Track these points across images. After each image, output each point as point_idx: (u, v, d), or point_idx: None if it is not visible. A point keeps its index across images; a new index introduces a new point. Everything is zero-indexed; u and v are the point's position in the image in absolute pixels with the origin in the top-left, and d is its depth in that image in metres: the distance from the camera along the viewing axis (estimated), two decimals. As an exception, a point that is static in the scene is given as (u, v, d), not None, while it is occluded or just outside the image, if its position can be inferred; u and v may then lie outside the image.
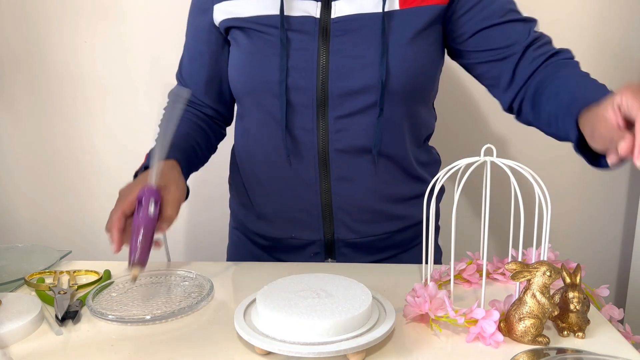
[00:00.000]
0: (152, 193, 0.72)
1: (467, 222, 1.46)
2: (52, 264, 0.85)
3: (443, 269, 0.79)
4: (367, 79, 0.81)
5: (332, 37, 0.82)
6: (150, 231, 0.71)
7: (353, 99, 0.82)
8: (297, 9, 0.82)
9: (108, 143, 1.45)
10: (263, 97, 0.85)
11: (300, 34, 0.82)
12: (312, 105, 0.83)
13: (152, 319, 0.67)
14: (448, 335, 0.64)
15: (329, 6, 0.82)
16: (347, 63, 0.81)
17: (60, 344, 0.62)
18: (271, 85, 0.83)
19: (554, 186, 1.42)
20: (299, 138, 0.85)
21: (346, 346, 0.56)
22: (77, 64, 1.40)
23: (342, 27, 0.82)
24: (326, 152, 0.85)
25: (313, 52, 0.82)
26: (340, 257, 0.92)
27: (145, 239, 0.70)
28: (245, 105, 0.90)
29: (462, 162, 0.69)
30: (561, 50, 0.85)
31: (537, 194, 0.64)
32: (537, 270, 0.60)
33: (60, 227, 1.52)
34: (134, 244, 0.70)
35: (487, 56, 0.85)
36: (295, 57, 0.82)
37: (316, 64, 0.82)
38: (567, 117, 0.71)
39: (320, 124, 0.84)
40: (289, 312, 0.59)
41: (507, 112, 0.90)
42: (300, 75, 0.82)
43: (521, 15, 0.86)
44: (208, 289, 0.75)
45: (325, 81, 0.82)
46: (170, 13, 1.35)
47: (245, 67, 0.85)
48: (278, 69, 0.82)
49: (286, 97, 0.83)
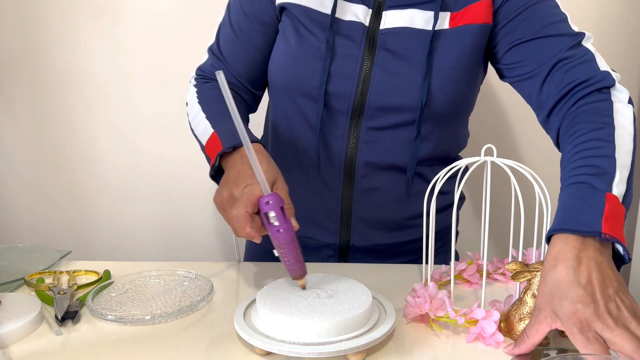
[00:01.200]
0: (278, 201, 0.63)
1: (467, 222, 1.46)
2: (52, 264, 0.85)
3: (443, 269, 0.79)
4: (407, 98, 0.80)
5: (378, 49, 0.81)
6: (296, 241, 0.64)
7: (389, 114, 0.82)
8: (348, 12, 0.81)
9: (108, 143, 1.45)
10: (300, 97, 0.84)
11: (347, 39, 0.81)
12: (348, 112, 0.83)
13: (152, 319, 0.67)
14: (448, 335, 0.64)
15: (380, 15, 0.81)
16: (390, 79, 0.80)
17: (60, 344, 0.62)
18: (311, 88, 0.82)
19: (554, 186, 1.42)
20: (329, 143, 0.85)
21: (346, 346, 0.56)
22: (77, 64, 1.40)
23: (390, 39, 0.80)
24: (353, 161, 0.85)
25: (357, 60, 0.81)
26: (354, 262, 0.91)
27: (296, 250, 0.64)
28: (280, 100, 0.88)
29: (462, 162, 0.69)
30: (595, 78, 0.73)
31: (537, 194, 0.64)
32: (538, 270, 0.60)
33: (60, 227, 1.52)
34: (290, 259, 0.63)
35: (517, 74, 0.81)
36: (339, 63, 0.81)
37: (358, 72, 0.81)
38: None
39: (352, 132, 0.84)
40: (289, 312, 0.59)
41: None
42: (340, 82, 0.81)
43: (566, 29, 0.77)
44: (208, 289, 0.75)
45: (364, 92, 0.81)
46: (170, 13, 1.35)
47: (290, 65, 0.83)
48: (320, 73, 0.81)
49: (324, 101, 0.82)
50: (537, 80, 0.78)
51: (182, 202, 1.49)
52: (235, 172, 0.68)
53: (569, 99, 0.74)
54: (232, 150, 0.71)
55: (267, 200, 0.62)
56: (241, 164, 0.68)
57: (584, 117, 0.70)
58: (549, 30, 0.77)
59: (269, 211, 0.62)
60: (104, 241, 1.52)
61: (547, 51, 0.76)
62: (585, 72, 0.74)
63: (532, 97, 0.80)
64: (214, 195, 0.69)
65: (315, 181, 0.88)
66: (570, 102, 0.73)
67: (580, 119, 0.70)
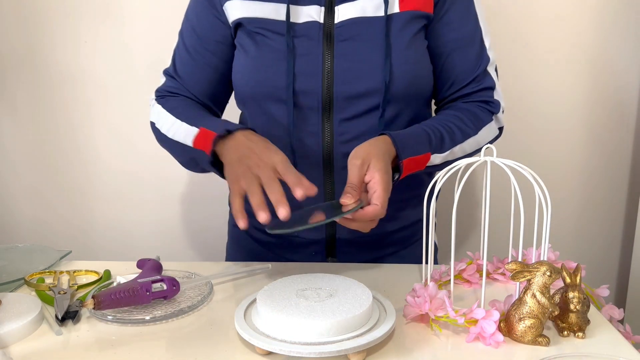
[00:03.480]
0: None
1: (467, 222, 1.46)
2: (52, 264, 0.85)
3: (443, 269, 0.79)
4: (371, 81, 0.82)
5: (335, 42, 0.83)
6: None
7: (357, 101, 0.84)
8: (302, 15, 0.83)
9: (108, 143, 1.45)
10: (269, 102, 0.86)
11: (305, 39, 0.83)
12: (318, 108, 0.84)
13: (152, 319, 0.67)
14: (448, 335, 0.64)
15: (332, 11, 0.83)
16: (352, 66, 0.83)
17: (60, 344, 0.62)
18: (278, 90, 0.84)
19: (554, 186, 1.42)
20: (304, 141, 0.86)
21: (347, 346, 0.56)
22: (78, 64, 1.40)
23: (345, 31, 0.83)
24: (331, 155, 0.86)
25: (318, 56, 0.83)
26: (341, 256, 0.92)
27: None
28: (249, 109, 0.90)
29: (462, 162, 0.69)
30: (490, 105, 0.89)
31: (537, 194, 0.64)
32: (537, 270, 0.60)
33: (60, 227, 1.52)
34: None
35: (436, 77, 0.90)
36: (301, 62, 0.83)
37: (321, 68, 0.83)
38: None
39: (326, 127, 0.85)
40: (289, 312, 0.59)
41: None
42: (306, 80, 0.83)
43: (481, 49, 0.88)
44: (208, 289, 0.75)
45: (330, 85, 0.83)
46: (170, 12, 1.35)
47: (252, 72, 0.85)
48: (285, 74, 0.83)
49: (293, 101, 0.83)
50: (449, 91, 0.90)
51: (182, 202, 1.49)
52: (246, 149, 0.72)
53: (463, 101, 0.90)
54: (226, 135, 0.75)
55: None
56: (249, 141, 0.73)
57: (467, 112, 0.87)
58: (467, 49, 0.87)
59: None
60: (104, 241, 1.52)
61: (459, 70, 0.88)
62: (484, 96, 0.89)
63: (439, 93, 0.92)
64: (226, 171, 0.73)
65: None
66: (463, 100, 0.90)
67: (464, 112, 0.87)
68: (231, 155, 0.73)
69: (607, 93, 1.39)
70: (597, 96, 1.40)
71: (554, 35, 1.36)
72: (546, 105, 1.40)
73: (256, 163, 0.69)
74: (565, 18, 1.35)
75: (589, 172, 1.45)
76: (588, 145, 1.43)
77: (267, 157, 0.69)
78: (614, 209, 1.48)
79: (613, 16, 1.35)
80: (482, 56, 0.88)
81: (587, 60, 1.38)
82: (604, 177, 1.45)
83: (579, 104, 1.40)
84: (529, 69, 1.38)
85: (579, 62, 1.38)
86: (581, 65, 1.38)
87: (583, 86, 1.39)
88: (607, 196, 1.47)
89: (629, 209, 1.48)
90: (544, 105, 1.40)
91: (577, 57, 1.37)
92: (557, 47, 1.36)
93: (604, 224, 1.49)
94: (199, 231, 1.51)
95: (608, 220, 1.49)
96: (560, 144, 1.43)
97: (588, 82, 1.39)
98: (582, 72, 1.38)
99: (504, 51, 1.36)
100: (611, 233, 1.50)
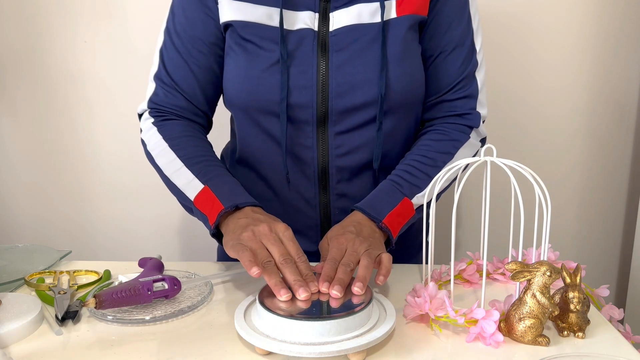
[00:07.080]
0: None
1: (467, 222, 1.46)
2: (52, 264, 0.85)
3: (443, 269, 0.79)
4: (367, 94, 0.80)
5: (331, 52, 0.80)
6: None
7: (353, 114, 0.82)
8: (296, 21, 0.81)
9: (109, 143, 1.45)
10: (261, 115, 0.83)
11: (299, 49, 0.80)
12: (313, 121, 0.82)
13: (152, 319, 0.67)
14: (448, 335, 0.64)
15: (327, 18, 0.80)
16: (347, 80, 0.80)
17: (60, 344, 0.62)
18: (271, 104, 0.81)
19: (554, 186, 1.42)
20: (299, 155, 0.84)
21: (347, 346, 0.56)
22: (78, 64, 1.40)
23: (341, 40, 0.80)
24: (326, 168, 0.85)
25: (312, 68, 0.80)
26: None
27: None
28: (239, 118, 0.87)
29: (462, 162, 0.69)
30: (468, 117, 0.87)
31: (537, 194, 0.64)
32: (537, 270, 0.60)
33: (60, 227, 1.52)
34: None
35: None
36: (295, 74, 0.80)
37: (316, 80, 0.80)
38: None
39: (321, 140, 0.83)
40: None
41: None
42: (300, 93, 0.80)
43: (470, 52, 0.85)
44: (208, 289, 0.75)
45: (325, 98, 0.81)
46: (170, 13, 1.35)
47: (244, 83, 0.81)
48: (279, 88, 0.80)
49: (287, 115, 0.81)
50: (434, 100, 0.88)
51: (182, 202, 1.49)
52: (251, 219, 0.71)
53: (441, 120, 0.88)
54: (233, 209, 0.74)
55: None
56: (253, 212, 0.72)
57: (439, 134, 0.86)
58: (454, 55, 0.85)
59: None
60: (104, 241, 1.52)
61: (445, 75, 0.86)
62: (465, 107, 0.87)
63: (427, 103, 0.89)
64: (227, 241, 0.70)
65: (289, 194, 0.87)
66: (440, 121, 0.88)
67: (435, 134, 0.86)
68: (235, 222, 0.72)
69: (607, 93, 1.40)
70: (597, 96, 1.40)
71: (554, 36, 1.36)
72: (546, 105, 1.40)
73: (264, 229, 0.68)
74: (565, 18, 1.35)
75: (589, 172, 1.45)
76: (588, 146, 1.43)
77: (274, 226, 0.69)
78: (614, 209, 1.48)
79: (613, 17, 1.35)
80: (470, 59, 0.85)
81: (587, 60, 1.38)
82: (604, 177, 1.46)
83: (579, 104, 1.40)
84: (529, 69, 1.38)
85: (579, 63, 1.38)
86: (581, 66, 1.38)
87: (583, 86, 1.39)
88: (607, 196, 1.47)
89: (629, 209, 1.48)
90: (544, 105, 1.40)
91: (577, 58, 1.37)
92: (557, 48, 1.37)
93: (604, 224, 1.49)
94: (199, 231, 1.51)
95: (608, 221, 1.49)
96: (560, 144, 1.43)
97: (588, 82, 1.39)
98: (582, 72, 1.38)
99: (503, 52, 1.36)
100: (611, 233, 1.50)
